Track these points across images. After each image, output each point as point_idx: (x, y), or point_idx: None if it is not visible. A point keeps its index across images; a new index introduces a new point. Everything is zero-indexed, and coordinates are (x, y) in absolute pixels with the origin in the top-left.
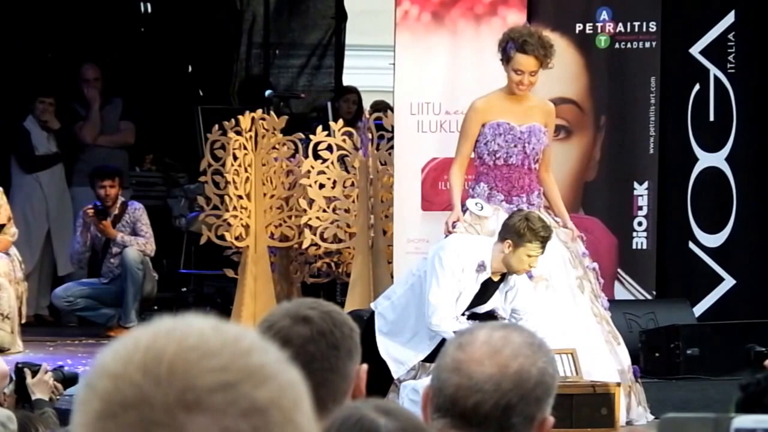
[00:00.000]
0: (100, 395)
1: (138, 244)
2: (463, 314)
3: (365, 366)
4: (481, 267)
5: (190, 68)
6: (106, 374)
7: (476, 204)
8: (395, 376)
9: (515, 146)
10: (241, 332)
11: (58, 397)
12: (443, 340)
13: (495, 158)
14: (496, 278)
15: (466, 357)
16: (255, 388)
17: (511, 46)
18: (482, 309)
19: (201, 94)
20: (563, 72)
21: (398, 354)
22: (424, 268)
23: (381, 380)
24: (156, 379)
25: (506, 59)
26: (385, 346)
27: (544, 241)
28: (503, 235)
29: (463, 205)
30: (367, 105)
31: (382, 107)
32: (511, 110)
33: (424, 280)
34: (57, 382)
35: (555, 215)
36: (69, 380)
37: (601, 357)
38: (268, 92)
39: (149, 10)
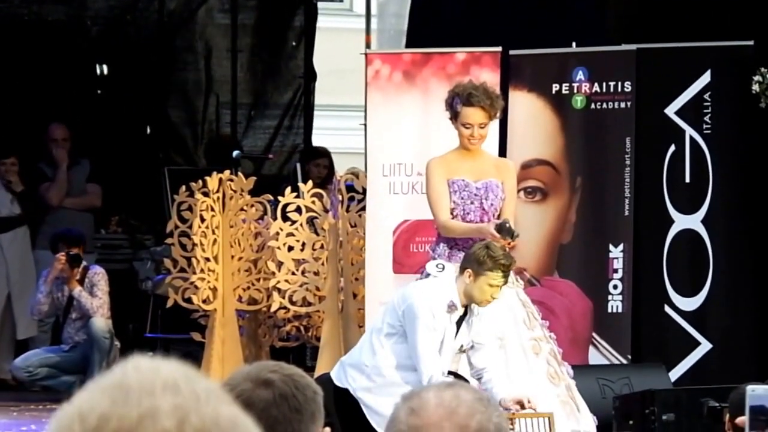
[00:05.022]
0: None
1: (92, 306)
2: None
3: (328, 429)
4: (452, 306)
5: (148, 130)
6: None
7: (437, 266)
8: None
9: (472, 203)
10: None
11: None
12: None
13: (452, 216)
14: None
15: (424, 421)
16: None
17: (456, 101)
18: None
19: (161, 156)
20: (539, 133)
21: None
22: (388, 323)
23: None
24: None
25: (454, 115)
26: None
27: (505, 269)
28: (464, 265)
29: (423, 269)
30: (337, 167)
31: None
32: (467, 167)
33: (400, 336)
34: None
35: None
36: None
37: (555, 417)
38: (235, 153)
39: (105, 72)
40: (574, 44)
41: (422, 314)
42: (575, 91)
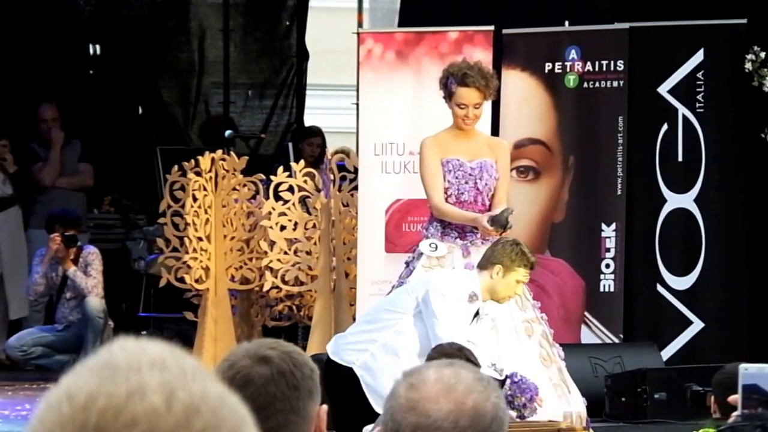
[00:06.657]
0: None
1: (87, 285)
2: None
3: (325, 407)
4: (473, 297)
5: (140, 110)
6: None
7: (430, 245)
8: None
9: (466, 183)
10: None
11: None
12: None
13: (446, 196)
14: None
15: (421, 396)
16: None
17: (451, 81)
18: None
19: (153, 136)
20: (532, 112)
21: None
22: (400, 308)
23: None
24: None
25: (448, 95)
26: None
27: (532, 266)
28: (492, 261)
29: (415, 248)
30: (329, 146)
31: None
32: (461, 147)
33: (418, 318)
34: None
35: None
36: None
37: (546, 399)
38: (228, 132)
39: (98, 51)
40: (567, 23)
41: (448, 295)
42: (568, 70)
